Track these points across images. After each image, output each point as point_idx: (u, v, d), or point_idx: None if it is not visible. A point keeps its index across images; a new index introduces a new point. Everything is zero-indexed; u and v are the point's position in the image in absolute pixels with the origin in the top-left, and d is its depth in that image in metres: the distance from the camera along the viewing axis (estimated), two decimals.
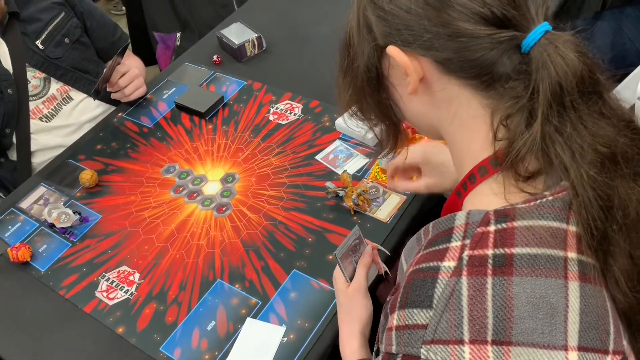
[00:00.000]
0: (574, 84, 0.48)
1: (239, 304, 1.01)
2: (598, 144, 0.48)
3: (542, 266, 0.49)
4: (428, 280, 0.51)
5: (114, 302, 1.05)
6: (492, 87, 0.53)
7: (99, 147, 1.38)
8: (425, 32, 0.52)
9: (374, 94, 0.62)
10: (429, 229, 0.58)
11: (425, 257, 0.54)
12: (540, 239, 0.50)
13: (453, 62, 0.53)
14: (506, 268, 0.49)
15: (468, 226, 0.52)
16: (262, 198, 1.18)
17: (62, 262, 1.14)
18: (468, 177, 0.57)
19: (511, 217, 0.51)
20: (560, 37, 0.49)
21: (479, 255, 0.50)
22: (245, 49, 1.54)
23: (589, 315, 0.49)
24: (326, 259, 1.04)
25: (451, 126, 0.58)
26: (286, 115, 1.36)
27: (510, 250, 0.49)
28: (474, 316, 0.48)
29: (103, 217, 1.21)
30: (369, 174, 1.18)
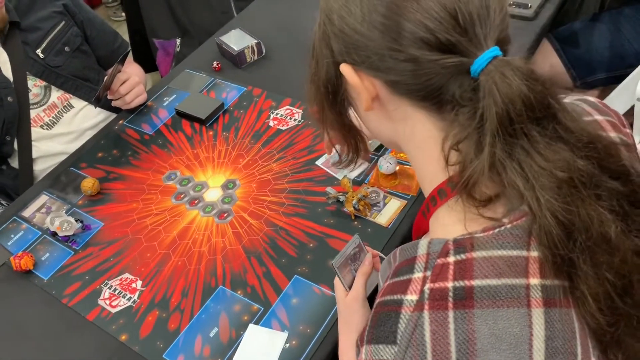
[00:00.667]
0: (522, 111, 0.47)
1: (241, 310, 1.01)
2: (554, 169, 0.47)
3: (503, 297, 0.49)
4: (392, 315, 0.51)
5: (117, 310, 1.06)
6: (443, 110, 0.53)
7: (100, 154, 1.39)
8: (373, 54, 0.52)
9: (334, 107, 0.63)
10: (397, 254, 0.58)
11: (390, 288, 0.54)
12: (500, 269, 0.49)
13: (400, 84, 0.53)
14: (467, 301, 0.49)
15: (429, 256, 0.52)
16: (263, 204, 1.18)
17: (64, 270, 1.15)
18: (430, 199, 0.57)
19: (469, 248, 0.50)
20: (509, 63, 0.48)
21: (440, 288, 0.50)
22: (245, 55, 1.54)
23: (555, 340, 0.48)
24: (328, 264, 1.05)
25: (409, 144, 0.59)
26: (286, 121, 1.36)
27: (470, 283, 0.49)
28: (437, 351, 0.48)
29: (105, 224, 1.22)
30: (369, 178, 1.18)
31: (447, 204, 0.55)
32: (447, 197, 0.54)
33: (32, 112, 1.47)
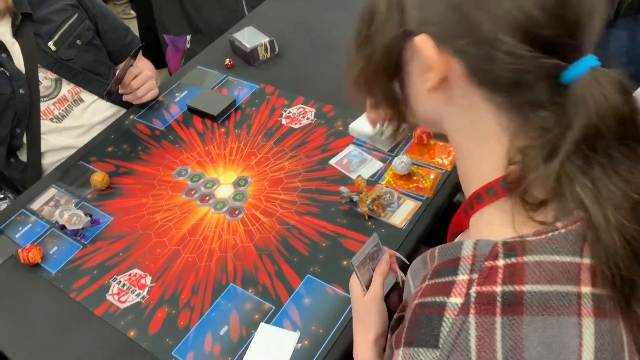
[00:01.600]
0: (613, 127, 0.45)
1: (252, 309, 0.99)
2: (631, 191, 0.45)
3: (553, 304, 0.46)
4: (434, 318, 0.49)
5: (126, 306, 1.04)
6: (520, 110, 0.50)
7: (110, 149, 1.37)
8: (466, 36, 0.48)
9: (386, 78, 0.57)
10: (435, 254, 0.55)
11: (431, 289, 0.51)
12: (552, 275, 0.47)
13: (486, 73, 0.49)
14: (516, 307, 0.46)
15: (475, 258, 0.50)
16: (275, 202, 1.17)
17: (73, 264, 1.13)
18: (475, 196, 0.54)
19: (521, 252, 0.48)
20: (607, 74, 0.45)
21: (487, 292, 0.47)
22: (258, 52, 1.53)
23: (605, 352, 0.46)
24: (341, 264, 1.03)
25: (462, 135, 0.55)
26: (299, 120, 1.35)
27: (520, 288, 0.47)
28: (483, 358, 0.46)
29: (114, 219, 1.20)
30: (383, 179, 1.17)
31: (494, 204, 0.52)
32: (496, 196, 0.52)
33: (42, 105, 1.46)
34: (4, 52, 1.38)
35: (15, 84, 1.39)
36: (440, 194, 1.13)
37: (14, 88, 1.39)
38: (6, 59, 1.38)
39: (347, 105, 1.36)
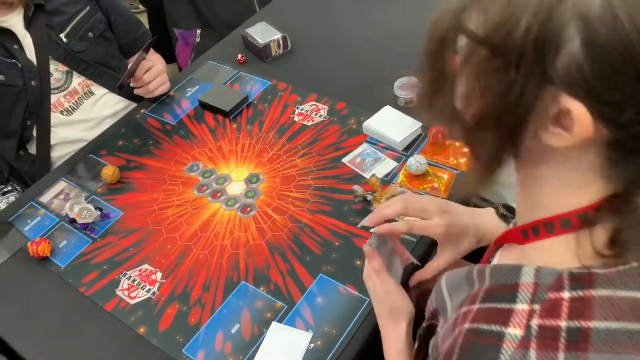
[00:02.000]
0: None
1: (264, 307, 0.98)
2: None
3: (621, 342, 0.44)
4: (490, 348, 0.46)
5: (136, 301, 1.03)
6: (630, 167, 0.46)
7: (120, 143, 1.36)
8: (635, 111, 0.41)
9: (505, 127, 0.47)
10: (485, 273, 0.52)
11: (484, 314, 0.48)
12: (620, 311, 0.45)
13: (633, 143, 0.43)
14: (581, 344, 0.44)
15: (537, 287, 0.47)
16: (287, 200, 1.16)
17: (82, 258, 1.12)
18: (544, 223, 0.51)
19: (589, 285, 0.45)
20: None
21: (551, 327, 0.45)
22: (271, 48, 1.52)
23: None
24: (354, 264, 1.02)
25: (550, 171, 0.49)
26: (311, 117, 1.33)
27: (587, 324, 0.44)
28: None
29: (125, 214, 1.19)
30: (397, 178, 1.15)
31: (563, 235, 0.49)
32: (570, 228, 0.49)
33: (52, 97, 1.44)
34: (16, 44, 1.37)
35: (27, 75, 1.37)
36: (455, 195, 1.11)
37: (25, 80, 1.38)
38: (18, 50, 1.37)
39: (360, 103, 1.35)
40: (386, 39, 1.54)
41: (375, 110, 1.29)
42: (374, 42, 1.53)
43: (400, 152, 1.21)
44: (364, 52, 1.51)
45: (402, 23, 1.59)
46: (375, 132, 1.24)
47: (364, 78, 1.43)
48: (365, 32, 1.58)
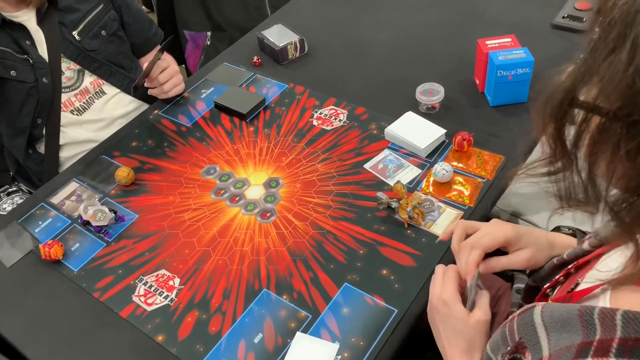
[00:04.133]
0: None
1: (287, 317, 0.95)
2: None
3: None
4: None
5: (153, 308, 0.99)
6: None
7: (134, 144, 1.33)
8: None
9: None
10: (615, 320, 0.47)
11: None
12: None
13: None
14: None
15: None
16: (308, 205, 1.12)
17: (96, 262, 1.08)
18: None
19: None
20: None
21: None
22: (287, 51, 1.49)
23: None
24: (380, 273, 0.99)
25: None
26: (331, 121, 1.30)
27: None
28: None
29: (140, 217, 1.15)
30: (422, 185, 1.13)
31: None
32: None
33: (63, 96, 1.41)
34: (29, 40, 1.33)
35: (39, 72, 1.34)
36: (482, 204, 1.08)
37: (37, 76, 1.34)
38: (30, 46, 1.34)
39: (380, 108, 1.32)
40: (405, 42, 1.52)
41: (395, 115, 1.26)
42: (392, 45, 1.51)
43: (423, 159, 1.18)
44: (382, 55, 1.49)
45: (421, 26, 1.57)
46: (398, 138, 1.21)
47: (383, 82, 1.40)
48: (383, 34, 1.55)
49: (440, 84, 1.29)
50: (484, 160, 1.15)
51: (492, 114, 1.27)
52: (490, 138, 1.21)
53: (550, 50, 1.40)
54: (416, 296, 0.95)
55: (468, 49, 1.39)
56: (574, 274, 0.74)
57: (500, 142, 1.20)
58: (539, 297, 0.79)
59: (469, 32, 1.50)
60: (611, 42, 0.42)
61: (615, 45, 0.42)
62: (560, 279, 0.76)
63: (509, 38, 1.27)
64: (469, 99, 1.32)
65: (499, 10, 1.57)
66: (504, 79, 1.22)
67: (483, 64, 1.27)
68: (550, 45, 1.43)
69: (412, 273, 0.98)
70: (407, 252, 1.01)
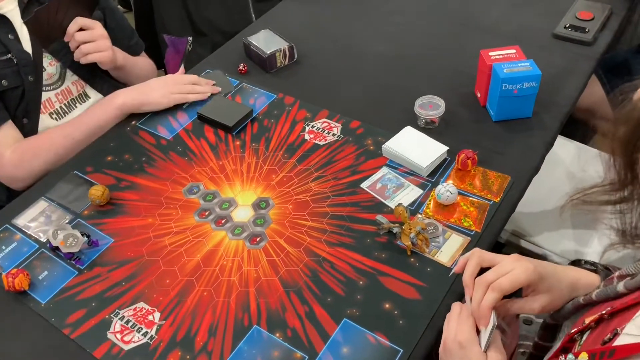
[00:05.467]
0: None
1: (280, 357, 0.85)
2: None
3: None
4: None
5: (130, 347, 0.89)
6: None
7: (109, 158, 1.22)
8: None
9: None
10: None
11: None
12: None
13: None
14: None
15: None
16: (301, 229, 1.03)
17: (66, 293, 0.98)
18: None
19: None
20: None
21: None
22: (276, 58, 1.40)
23: None
24: (382, 307, 0.90)
25: None
26: (324, 135, 1.22)
27: None
28: None
29: (116, 241, 1.05)
30: (424, 208, 1.04)
31: None
32: None
33: (44, 95, 1.30)
34: (11, 33, 1.23)
35: (23, 70, 1.23)
36: (489, 229, 1.01)
37: (22, 76, 1.23)
38: (12, 41, 1.23)
39: (375, 121, 1.23)
40: (401, 50, 1.44)
41: (392, 130, 1.18)
42: (388, 55, 1.43)
43: (425, 178, 1.10)
44: (377, 65, 1.40)
45: (418, 33, 1.50)
46: (397, 155, 1.13)
47: (379, 94, 1.32)
48: (378, 42, 1.47)
49: (440, 96, 1.22)
50: (489, 181, 1.08)
51: (495, 130, 1.20)
52: (493, 155, 1.13)
53: (552, 61, 1.34)
54: (423, 334, 0.87)
55: (467, 59, 1.32)
56: (609, 319, 0.66)
57: (504, 160, 1.13)
58: (565, 341, 0.72)
59: (468, 42, 1.43)
60: None
61: None
62: (592, 324, 0.68)
63: (513, 49, 1.20)
64: (470, 113, 1.24)
65: (498, 20, 1.50)
66: (509, 92, 1.15)
67: (485, 77, 1.20)
68: (552, 56, 1.36)
69: (417, 307, 0.90)
70: (411, 283, 0.93)
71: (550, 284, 0.76)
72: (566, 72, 1.33)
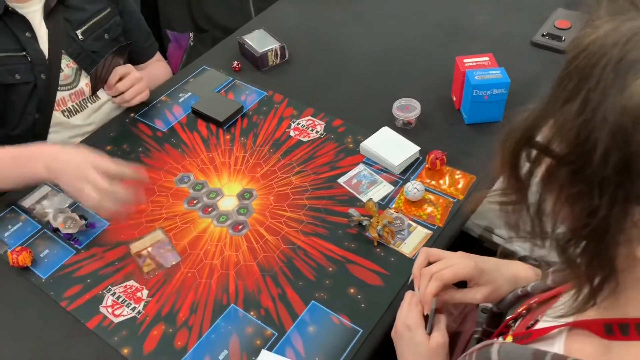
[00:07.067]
0: None
1: (253, 334, 0.95)
2: None
3: None
4: None
5: (120, 320, 0.99)
6: None
7: (109, 147, 1.32)
8: None
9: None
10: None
11: None
12: None
13: None
14: None
15: None
16: (280, 219, 1.13)
17: (65, 270, 1.08)
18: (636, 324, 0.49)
19: None
20: None
21: None
22: (268, 58, 1.49)
23: None
24: (348, 292, 1.00)
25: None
26: (307, 132, 1.31)
27: None
28: None
29: (111, 224, 1.15)
30: (394, 203, 1.14)
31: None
32: None
33: (58, 94, 1.39)
34: (29, 32, 1.31)
35: (37, 68, 1.31)
36: (451, 224, 1.10)
37: (35, 74, 1.32)
38: (29, 39, 1.31)
39: (357, 120, 1.32)
40: (386, 53, 1.52)
41: (372, 129, 1.27)
42: (374, 57, 1.51)
43: (397, 175, 1.19)
44: (363, 67, 1.49)
45: (403, 38, 1.57)
46: (372, 153, 1.22)
47: (362, 94, 1.41)
48: (365, 45, 1.55)
49: (419, 98, 1.30)
50: (456, 180, 1.17)
51: (467, 132, 1.28)
52: (463, 157, 1.22)
53: (528, 68, 1.42)
54: (382, 317, 0.96)
55: (448, 63, 1.39)
56: (535, 309, 0.75)
57: (473, 161, 1.21)
58: (502, 327, 0.81)
59: (450, 47, 1.50)
60: (568, 91, 0.44)
61: (570, 96, 0.44)
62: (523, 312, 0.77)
63: (487, 57, 1.28)
64: (446, 116, 1.33)
65: (480, 26, 1.58)
66: (480, 98, 1.23)
67: (460, 82, 1.28)
68: (529, 63, 1.44)
69: (379, 293, 0.99)
70: (376, 271, 1.03)
71: (491, 277, 0.85)
72: (540, 78, 1.40)
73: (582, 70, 0.43)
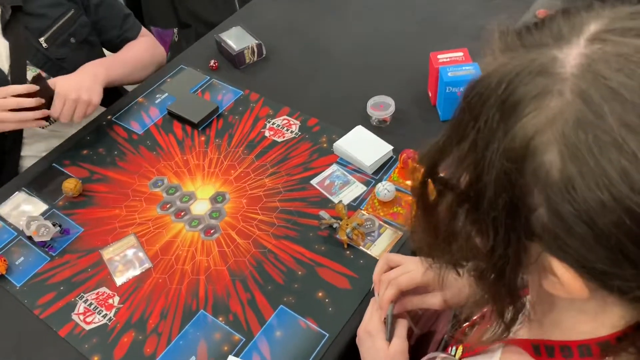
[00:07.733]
0: None
1: (221, 339, 0.96)
2: None
3: None
4: None
5: (91, 327, 1.00)
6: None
7: (85, 152, 1.32)
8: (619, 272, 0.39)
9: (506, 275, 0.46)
10: None
11: None
12: None
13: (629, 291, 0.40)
14: None
15: None
16: (252, 223, 1.13)
17: (38, 277, 1.09)
18: (561, 346, 0.48)
19: None
20: None
21: None
22: (244, 55, 1.48)
23: None
24: (316, 296, 1.00)
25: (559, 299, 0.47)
26: (282, 132, 1.30)
27: None
28: None
29: (85, 230, 1.16)
30: (365, 204, 1.13)
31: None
32: (589, 357, 0.47)
33: None
34: None
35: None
36: None
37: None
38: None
39: (332, 119, 1.32)
40: (363, 50, 1.51)
41: (347, 128, 1.26)
42: (350, 55, 1.50)
43: (370, 175, 1.19)
44: (339, 65, 1.48)
45: (381, 34, 1.56)
46: (346, 153, 1.21)
47: (338, 93, 1.40)
48: (342, 42, 1.54)
49: (396, 94, 1.29)
50: None
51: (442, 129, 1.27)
52: None
53: None
54: (348, 321, 0.97)
55: (424, 59, 1.38)
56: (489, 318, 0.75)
57: None
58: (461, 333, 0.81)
59: (426, 42, 1.48)
60: (462, 129, 0.44)
61: (463, 135, 0.43)
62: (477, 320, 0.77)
63: (461, 52, 1.27)
64: (421, 112, 1.32)
65: (458, 19, 1.56)
66: (453, 95, 1.22)
67: (435, 78, 1.27)
68: None
69: (346, 296, 1.00)
70: (344, 274, 1.03)
71: (449, 281, 0.85)
72: None
73: (473, 108, 0.42)
